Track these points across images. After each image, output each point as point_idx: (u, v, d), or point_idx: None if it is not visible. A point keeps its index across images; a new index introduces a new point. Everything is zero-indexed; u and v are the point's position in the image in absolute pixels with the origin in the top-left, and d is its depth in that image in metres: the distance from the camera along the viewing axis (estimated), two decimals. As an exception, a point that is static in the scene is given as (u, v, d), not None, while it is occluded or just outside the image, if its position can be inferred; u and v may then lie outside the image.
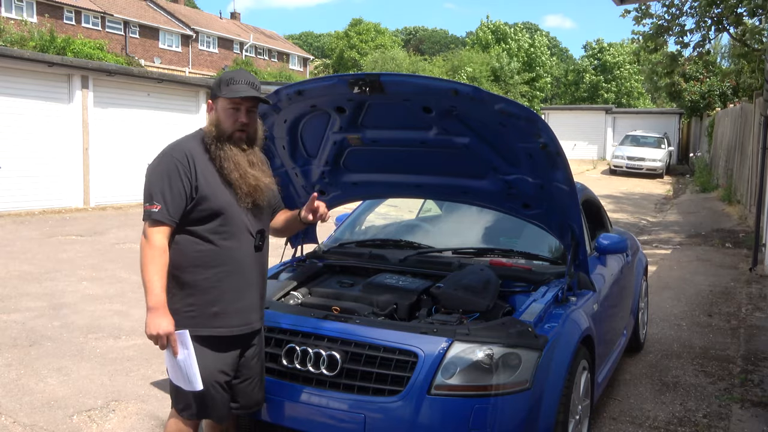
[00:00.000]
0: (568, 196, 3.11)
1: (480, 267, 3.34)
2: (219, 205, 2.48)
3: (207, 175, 2.48)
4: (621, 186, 20.37)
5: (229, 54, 44.58)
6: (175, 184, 2.43)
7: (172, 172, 2.44)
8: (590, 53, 51.33)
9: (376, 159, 3.46)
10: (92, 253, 8.43)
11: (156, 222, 2.42)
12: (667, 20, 13.03)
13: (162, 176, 2.44)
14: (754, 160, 10.73)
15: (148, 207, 2.43)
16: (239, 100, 2.51)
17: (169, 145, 2.56)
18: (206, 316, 2.51)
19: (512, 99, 3.21)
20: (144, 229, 2.45)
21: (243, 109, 2.53)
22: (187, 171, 2.45)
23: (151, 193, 2.44)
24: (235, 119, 2.52)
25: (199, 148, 2.53)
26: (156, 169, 2.47)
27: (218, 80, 2.57)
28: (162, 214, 2.40)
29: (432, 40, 65.88)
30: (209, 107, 2.60)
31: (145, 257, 2.41)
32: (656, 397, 4.21)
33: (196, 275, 2.50)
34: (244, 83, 2.52)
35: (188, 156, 2.48)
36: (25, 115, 11.78)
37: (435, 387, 2.63)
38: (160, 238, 2.42)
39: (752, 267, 8.16)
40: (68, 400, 3.96)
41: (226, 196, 2.50)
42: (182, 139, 2.59)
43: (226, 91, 2.50)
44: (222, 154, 2.50)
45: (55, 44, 23.17)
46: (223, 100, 2.52)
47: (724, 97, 24.24)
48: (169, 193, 2.42)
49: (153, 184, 2.45)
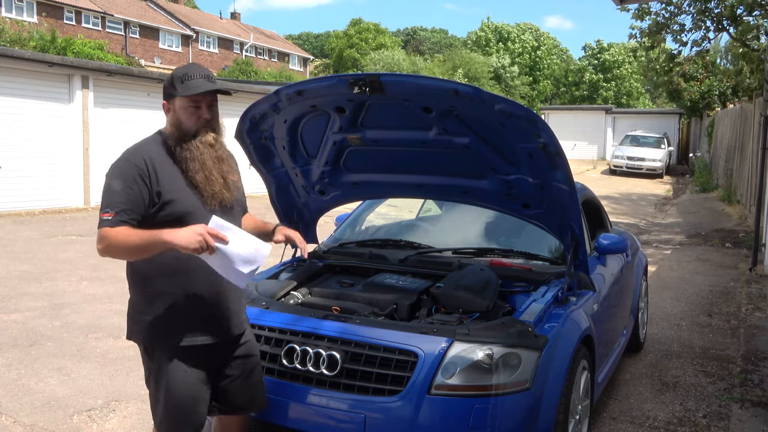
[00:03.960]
0: (568, 196, 3.11)
1: (480, 267, 3.34)
2: (184, 208, 2.34)
3: (170, 179, 2.35)
4: (621, 186, 20.37)
5: (229, 54, 44.60)
6: (132, 189, 2.29)
7: (128, 179, 2.29)
8: (589, 53, 51.39)
9: (377, 159, 3.46)
10: (92, 253, 8.38)
11: (106, 225, 2.25)
12: (666, 17, 13.03)
13: (118, 182, 2.30)
14: (753, 160, 10.73)
15: (103, 215, 2.26)
16: (199, 97, 2.38)
17: (126, 150, 2.41)
18: (180, 326, 2.39)
19: (512, 99, 3.21)
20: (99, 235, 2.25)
21: (204, 106, 2.40)
22: (145, 176, 2.31)
23: (106, 202, 2.28)
24: (198, 117, 2.39)
25: (159, 151, 2.39)
26: (112, 175, 2.33)
27: (170, 79, 2.41)
28: (114, 221, 2.24)
29: (432, 40, 65.83)
30: (165, 108, 2.44)
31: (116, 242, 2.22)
32: (656, 397, 4.22)
33: (165, 284, 2.38)
34: (200, 78, 2.37)
35: (146, 160, 2.34)
36: (25, 115, 11.78)
37: (435, 387, 2.63)
38: (114, 230, 2.24)
39: (752, 267, 8.16)
40: (68, 399, 3.96)
41: (191, 199, 2.37)
42: (140, 143, 2.45)
43: (182, 89, 2.36)
44: (188, 155, 2.37)
45: (55, 44, 23.20)
46: (181, 98, 2.37)
47: (724, 97, 24.24)
48: (126, 200, 2.27)
49: (109, 191, 2.30)
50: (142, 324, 2.42)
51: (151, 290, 2.40)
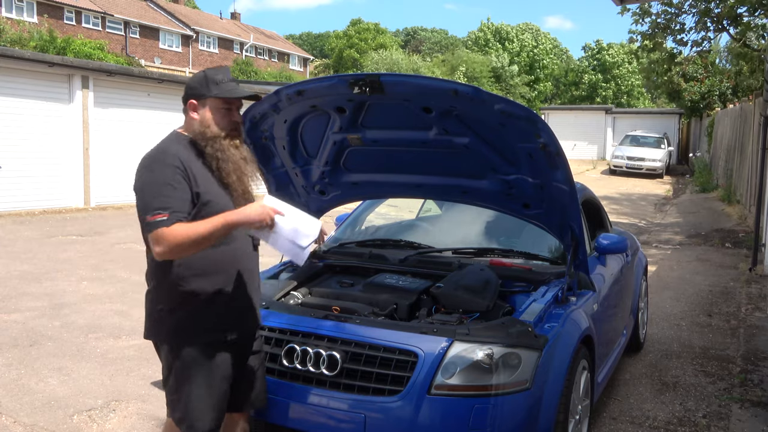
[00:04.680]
0: (568, 196, 3.11)
1: (480, 267, 3.34)
2: (219, 208, 2.36)
3: (204, 180, 2.38)
4: (621, 186, 20.37)
5: (230, 54, 44.59)
6: (179, 190, 2.29)
7: (173, 180, 2.29)
8: (589, 53, 51.40)
9: (376, 159, 3.46)
10: (92, 253, 8.43)
11: (162, 225, 2.23)
12: (666, 18, 13.03)
13: (163, 184, 2.27)
14: (753, 160, 10.73)
15: (151, 218, 2.22)
16: (232, 100, 2.44)
17: (155, 153, 2.38)
18: (210, 323, 2.44)
19: (512, 99, 3.22)
20: (154, 238, 2.22)
21: (234, 109, 2.47)
22: (185, 177, 2.32)
23: (157, 204, 2.24)
24: (230, 119, 2.45)
25: (188, 152, 2.39)
26: (154, 178, 2.29)
27: (202, 79, 2.45)
28: (170, 220, 2.23)
29: (432, 40, 65.83)
30: (192, 107, 2.45)
31: (181, 236, 2.21)
32: (656, 397, 4.22)
33: (201, 283, 2.41)
34: (231, 81, 2.45)
35: (182, 161, 2.34)
36: (25, 115, 11.78)
37: (435, 387, 2.63)
38: (170, 228, 2.25)
39: (752, 267, 8.16)
40: (68, 400, 3.96)
41: (224, 200, 2.41)
42: (165, 145, 2.42)
43: (218, 90, 2.42)
44: (220, 155, 2.41)
45: (55, 44, 23.20)
46: (215, 99, 2.42)
47: (724, 97, 24.25)
48: (176, 200, 2.26)
49: (153, 195, 2.26)
50: (168, 323, 2.44)
51: (183, 290, 2.41)
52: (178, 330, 2.44)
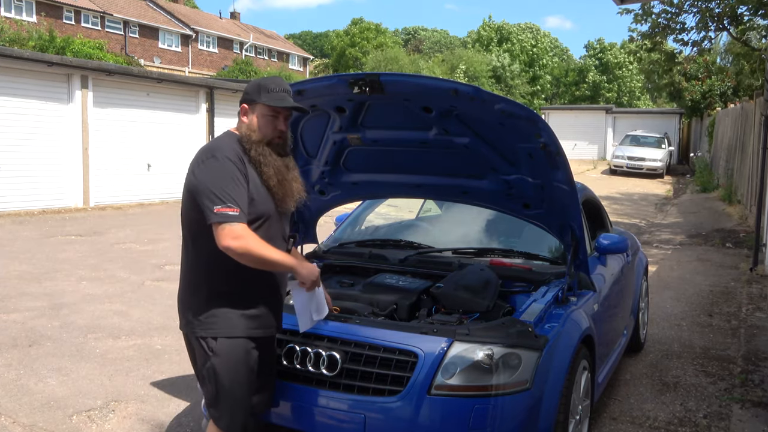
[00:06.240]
0: (569, 196, 3.11)
1: (480, 267, 3.33)
2: (264, 209, 2.50)
3: (253, 179, 2.48)
4: (621, 186, 20.37)
5: (229, 54, 44.57)
6: (240, 187, 2.40)
7: (235, 176, 2.40)
8: (591, 53, 51.41)
9: (376, 159, 3.45)
10: (92, 253, 8.43)
11: (237, 220, 2.36)
12: (666, 18, 13.01)
13: (227, 179, 2.38)
14: (754, 160, 10.73)
15: (222, 209, 2.34)
16: (280, 109, 2.52)
17: (214, 147, 2.49)
18: (244, 318, 2.52)
19: (512, 99, 3.21)
20: (230, 232, 2.34)
21: (281, 117, 2.54)
22: (244, 175, 2.43)
23: (221, 196, 2.35)
24: (275, 126, 2.53)
25: (239, 152, 2.48)
26: (218, 171, 2.40)
27: (256, 86, 2.55)
28: (241, 217, 2.37)
29: (432, 40, 65.79)
30: (243, 111, 2.56)
31: (255, 248, 2.36)
32: (656, 397, 4.21)
33: (236, 284, 2.50)
34: (283, 92, 2.53)
35: (239, 158, 2.45)
36: (24, 114, 11.78)
37: (435, 387, 2.63)
38: (246, 227, 2.38)
39: (753, 267, 8.16)
40: (68, 400, 3.96)
41: (268, 202, 2.51)
42: (222, 142, 2.52)
43: (267, 98, 2.49)
44: (262, 159, 2.49)
45: (54, 44, 23.17)
46: (263, 106, 2.50)
47: (725, 97, 24.23)
48: (240, 198, 2.38)
49: (221, 186, 2.37)
50: (209, 317, 2.50)
51: (233, 284, 2.50)
52: (220, 324, 2.50)
